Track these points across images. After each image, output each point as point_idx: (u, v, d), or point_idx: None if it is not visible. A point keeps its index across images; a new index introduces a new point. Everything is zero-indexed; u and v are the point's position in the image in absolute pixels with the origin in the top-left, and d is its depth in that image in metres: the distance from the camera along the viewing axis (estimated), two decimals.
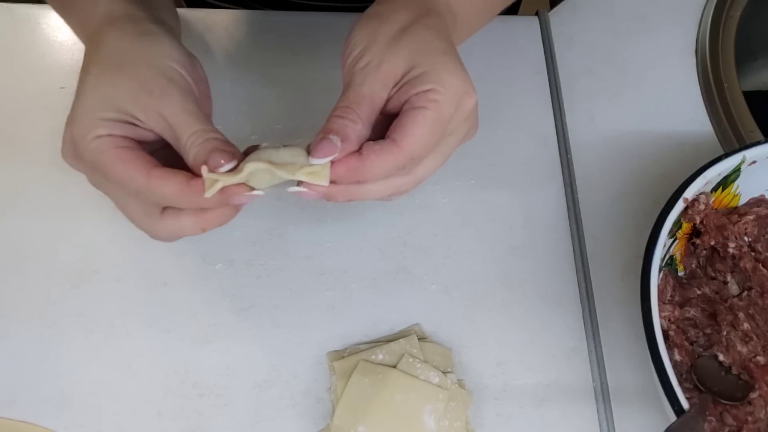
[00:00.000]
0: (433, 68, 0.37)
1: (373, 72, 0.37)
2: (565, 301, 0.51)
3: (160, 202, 0.37)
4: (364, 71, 0.37)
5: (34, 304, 0.48)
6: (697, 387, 0.45)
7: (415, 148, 0.36)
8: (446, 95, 0.36)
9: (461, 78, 0.37)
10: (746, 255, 0.50)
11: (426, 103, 0.36)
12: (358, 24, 0.40)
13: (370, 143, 0.36)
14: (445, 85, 0.36)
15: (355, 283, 0.51)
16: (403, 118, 0.36)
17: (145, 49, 0.37)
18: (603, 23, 0.65)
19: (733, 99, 0.60)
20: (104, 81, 0.36)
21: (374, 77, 0.37)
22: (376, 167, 0.36)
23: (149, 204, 0.37)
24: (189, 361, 0.47)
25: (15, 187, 0.53)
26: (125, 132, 0.36)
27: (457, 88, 0.37)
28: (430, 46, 0.38)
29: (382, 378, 0.45)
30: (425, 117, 0.36)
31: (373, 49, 0.38)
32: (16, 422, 0.44)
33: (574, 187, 0.56)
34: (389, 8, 0.40)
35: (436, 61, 0.37)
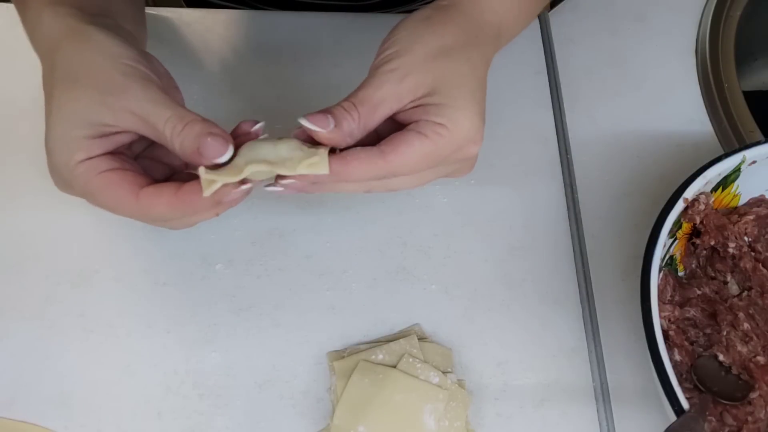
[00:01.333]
0: (453, 104, 0.36)
1: (394, 82, 0.36)
2: (565, 301, 0.51)
3: (157, 221, 0.37)
4: (385, 77, 0.37)
5: (34, 304, 0.48)
6: (697, 387, 0.45)
7: (399, 167, 0.36)
8: (452, 136, 0.36)
9: (474, 124, 0.37)
10: (746, 255, 0.50)
11: (430, 134, 0.36)
12: (406, 21, 0.39)
13: (358, 149, 0.36)
14: (456, 126, 0.36)
15: (355, 283, 0.51)
16: (401, 135, 0.36)
17: (94, 55, 0.36)
18: (603, 23, 0.65)
19: (733, 99, 0.60)
20: (66, 99, 0.36)
21: (392, 87, 0.36)
22: (357, 172, 0.36)
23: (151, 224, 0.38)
24: (189, 361, 0.47)
25: (15, 186, 0.53)
26: (103, 147, 0.36)
27: (466, 133, 0.37)
28: (461, 80, 0.37)
29: (382, 378, 0.45)
30: (422, 144, 0.36)
31: (406, 58, 0.37)
32: (16, 422, 0.44)
33: (574, 187, 0.56)
34: (442, 19, 0.39)
35: (459, 97, 0.37)
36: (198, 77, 0.59)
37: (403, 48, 0.37)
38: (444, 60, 0.37)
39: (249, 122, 0.37)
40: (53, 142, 0.36)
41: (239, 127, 0.37)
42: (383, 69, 0.37)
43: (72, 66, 0.36)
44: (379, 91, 0.36)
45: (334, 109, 0.36)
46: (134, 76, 0.36)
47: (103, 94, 0.35)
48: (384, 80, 0.37)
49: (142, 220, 0.37)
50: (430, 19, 0.39)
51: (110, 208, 0.36)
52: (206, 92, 0.58)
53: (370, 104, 0.36)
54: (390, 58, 0.37)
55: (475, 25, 0.40)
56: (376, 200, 0.54)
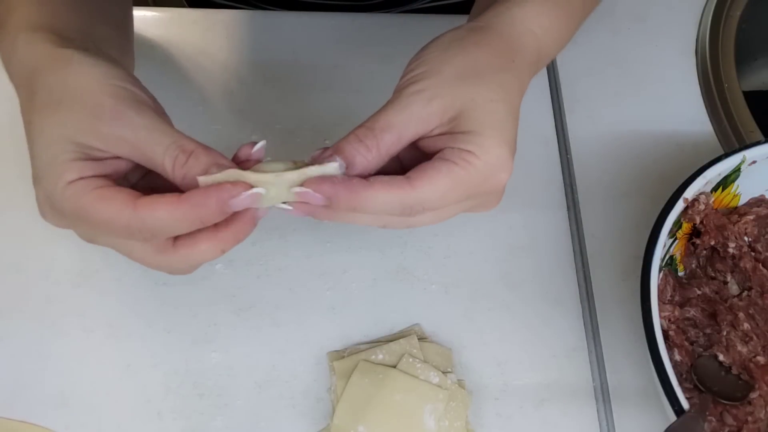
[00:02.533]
0: (482, 131, 0.33)
1: (420, 103, 0.34)
2: (565, 301, 0.51)
3: (157, 234, 0.32)
4: (411, 98, 0.34)
5: (34, 304, 0.48)
6: (697, 387, 0.45)
7: (428, 196, 0.33)
8: (482, 163, 0.33)
9: (505, 151, 0.34)
10: (746, 255, 0.50)
11: (458, 161, 0.33)
12: (436, 40, 0.36)
13: (381, 176, 0.33)
14: (486, 153, 0.33)
15: (355, 283, 0.51)
16: (429, 164, 0.33)
17: (78, 77, 0.33)
18: (603, 23, 0.65)
19: (733, 99, 0.60)
20: (49, 124, 0.32)
21: (418, 109, 0.34)
22: (379, 199, 0.32)
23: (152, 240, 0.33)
24: (189, 361, 0.47)
25: (15, 186, 0.53)
26: (96, 170, 0.32)
27: (496, 160, 0.34)
28: (491, 106, 0.34)
29: (382, 378, 0.45)
30: (451, 171, 0.33)
31: (434, 79, 0.34)
32: (16, 422, 0.44)
33: (574, 187, 0.56)
34: (475, 40, 0.36)
35: (488, 125, 0.34)
36: (198, 77, 0.59)
37: (431, 69, 0.35)
38: (474, 83, 0.34)
39: (248, 145, 0.34)
40: (42, 171, 0.32)
41: (240, 152, 0.34)
42: (408, 90, 0.34)
43: (54, 90, 0.33)
44: (403, 114, 0.34)
45: (344, 145, 0.33)
46: (125, 99, 0.33)
47: (92, 119, 0.32)
48: (409, 102, 0.34)
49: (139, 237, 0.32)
50: (463, 40, 0.36)
51: (105, 225, 0.31)
52: (206, 93, 0.58)
53: (390, 128, 0.33)
54: (416, 79, 0.34)
55: (512, 49, 0.37)
56: None
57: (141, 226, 0.31)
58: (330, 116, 0.57)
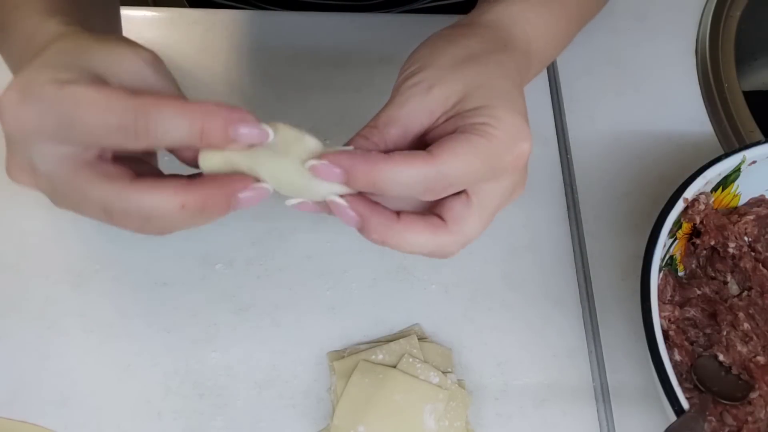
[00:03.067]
0: (490, 103, 0.32)
1: (420, 94, 0.33)
2: (565, 301, 0.51)
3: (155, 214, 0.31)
4: (410, 91, 0.33)
5: (34, 304, 0.48)
6: (697, 387, 0.45)
7: (451, 167, 0.30)
8: (501, 132, 0.31)
9: (520, 119, 0.33)
10: (746, 255, 0.50)
11: (477, 132, 0.31)
12: (425, 41, 0.36)
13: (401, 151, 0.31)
14: (501, 122, 0.32)
15: (355, 283, 0.51)
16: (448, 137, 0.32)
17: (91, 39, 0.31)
18: (603, 23, 0.65)
19: (733, 99, 0.60)
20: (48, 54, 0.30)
21: (419, 100, 0.33)
22: (400, 173, 0.30)
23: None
24: (189, 361, 0.47)
25: (15, 186, 0.53)
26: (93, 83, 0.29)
27: (513, 128, 0.32)
28: (493, 82, 0.34)
29: (382, 378, 0.45)
30: (471, 141, 0.31)
31: (430, 71, 0.34)
32: (16, 422, 0.44)
33: (574, 187, 0.56)
34: (463, 32, 0.37)
35: (494, 96, 0.33)
36: (198, 77, 0.59)
37: (425, 62, 0.34)
38: (472, 65, 0.34)
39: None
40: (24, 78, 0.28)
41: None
42: (406, 85, 0.34)
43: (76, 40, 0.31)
44: (405, 107, 0.33)
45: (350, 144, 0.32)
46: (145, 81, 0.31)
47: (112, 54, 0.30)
48: (409, 95, 0.33)
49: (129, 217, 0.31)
50: (451, 35, 0.36)
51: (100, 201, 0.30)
52: (206, 92, 0.58)
53: (394, 122, 0.33)
54: (412, 74, 0.34)
55: (501, 37, 0.37)
56: None
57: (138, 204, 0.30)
58: (330, 116, 0.57)
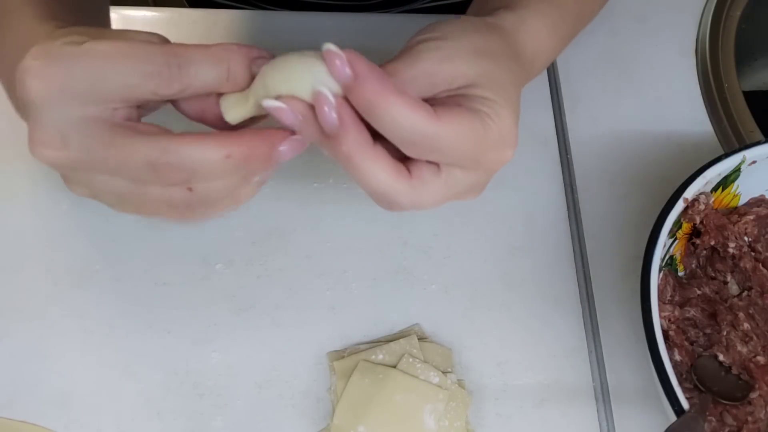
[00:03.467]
0: (497, 100, 0.33)
1: (432, 61, 0.32)
2: (565, 301, 0.51)
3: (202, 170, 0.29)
4: (424, 54, 0.32)
5: (34, 304, 0.48)
6: (697, 387, 0.45)
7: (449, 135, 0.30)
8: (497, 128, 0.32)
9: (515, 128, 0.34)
10: (746, 255, 0.50)
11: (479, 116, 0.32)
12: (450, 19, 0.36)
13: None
14: (501, 120, 0.32)
15: (355, 283, 0.51)
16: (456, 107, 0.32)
17: None
18: (603, 23, 0.65)
19: (733, 99, 0.60)
20: None
21: (429, 67, 0.32)
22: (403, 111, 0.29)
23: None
24: (189, 361, 0.47)
25: (15, 186, 0.53)
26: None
27: (508, 131, 0.33)
28: (504, 82, 0.34)
29: (382, 378, 0.45)
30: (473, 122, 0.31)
31: (450, 44, 0.33)
32: (16, 422, 0.44)
33: (574, 187, 0.56)
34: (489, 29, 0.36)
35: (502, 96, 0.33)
36: None
37: (447, 35, 0.33)
38: (489, 60, 0.34)
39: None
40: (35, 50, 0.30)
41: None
42: (422, 47, 0.32)
43: None
44: (414, 68, 0.32)
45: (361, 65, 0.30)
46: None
47: None
48: (421, 58, 0.32)
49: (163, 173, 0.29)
50: (478, 25, 0.36)
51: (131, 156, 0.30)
52: None
53: (399, 79, 0.31)
54: (431, 39, 0.33)
55: (517, 47, 0.38)
56: None
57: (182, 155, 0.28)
58: None
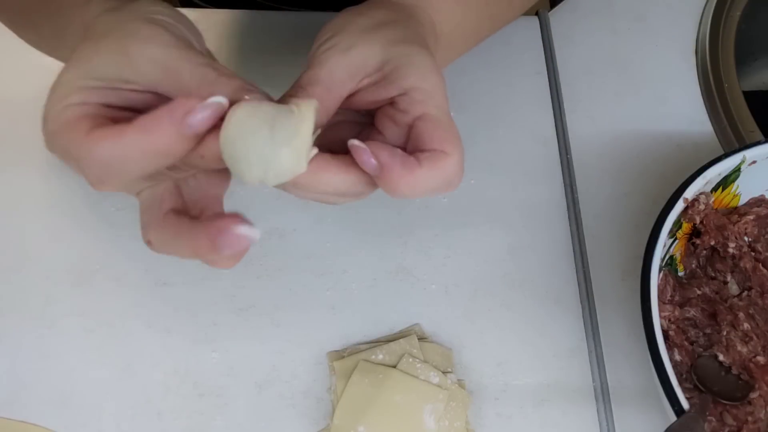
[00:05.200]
0: (407, 63, 0.33)
1: (338, 55, 0.33)
2: (565, 301, 0.51)
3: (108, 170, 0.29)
4: (326, 54, 0.33)
5: (34, 304, 0.48)
6: (697, 387, 0.45)
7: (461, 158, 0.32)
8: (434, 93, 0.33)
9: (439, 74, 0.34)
10: (746, 255, 0.50)
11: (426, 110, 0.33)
12: (333, 18, 0.37)
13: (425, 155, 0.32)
14: (427, 82, 0.33)
15: (355, 283, 0.51)
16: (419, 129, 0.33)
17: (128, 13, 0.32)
18: (603, 23, 0.65)
19: (733, 99, 0.60)
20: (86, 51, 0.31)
21: (337, 60, 0.33)
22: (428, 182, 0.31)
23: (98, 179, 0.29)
24: (189, 361, 0.47)
25: (15, 187, 0.53)
26: (104, 98, 0.30)
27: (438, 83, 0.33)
28: (406, 40, 0.35)
29: (382, 378, 0.45)
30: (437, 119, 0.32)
31: (343, 35, 0.34)
32: (16, 422, 0.44)
33: (574, 187, 0.56)
34: (368, 5, 0.37)
35: (409, 53, 0.34)
36: None
37: (337, 30, 0.35)
38: (383, 29, 0.35)
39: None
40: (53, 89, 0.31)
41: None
42: (322, 48, 0.34)
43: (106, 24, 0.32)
44: (324, 67, 0.33)
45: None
46: (164, 25, 0.32)
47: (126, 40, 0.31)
48: (326, 57, 0.33)
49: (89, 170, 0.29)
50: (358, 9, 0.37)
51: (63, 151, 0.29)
52: None
53: (319, 83, 0.32)
54: (326, 40, 0.34)
55: (408, 12, 0.38)
56: (376, 200, 0.54)
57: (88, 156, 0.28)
58: None
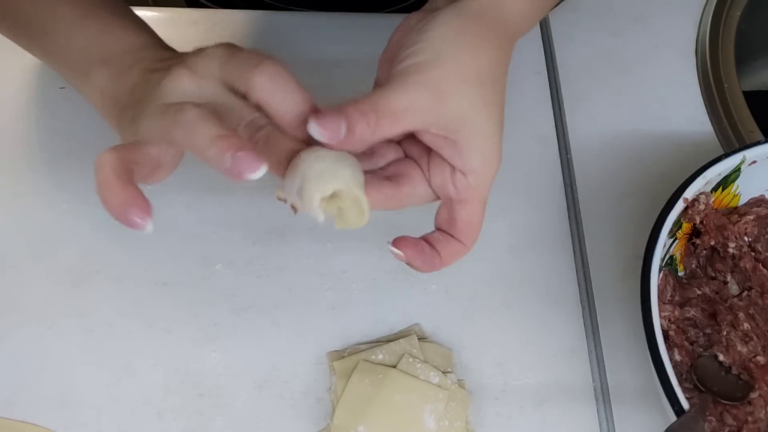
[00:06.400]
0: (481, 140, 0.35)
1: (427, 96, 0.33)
2: (565, 301, 0.51)
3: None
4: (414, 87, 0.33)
5: (34, 304, 0.48)
6: (697, 387, 0.45)
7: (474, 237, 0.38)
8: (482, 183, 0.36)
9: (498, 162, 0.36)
10: (746, 255, 0.50)
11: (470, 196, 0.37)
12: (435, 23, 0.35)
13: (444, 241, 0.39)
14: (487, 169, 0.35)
15: (355, 283, 0.51)
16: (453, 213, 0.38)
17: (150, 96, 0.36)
18: (603, 23, 0.65)
19: (733, 99, 0.60)
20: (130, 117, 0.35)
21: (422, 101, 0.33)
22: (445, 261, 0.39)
23: None
24: (189, 361, 0.47)
25: (15, 186, 0.53)
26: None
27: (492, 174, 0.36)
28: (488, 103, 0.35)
29: (382, 378, 0.45)
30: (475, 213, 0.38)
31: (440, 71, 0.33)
32: (16, 422, 0.44)
33: (574, 187, 0.56)
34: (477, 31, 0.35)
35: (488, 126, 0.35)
36: None
37: (435, 58, 0.33)
38: (477, 87, 0.34)
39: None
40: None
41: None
42: (413, 79, 0.33)
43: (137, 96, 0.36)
44: (404, 100, 0.32)
45: (350, 108, 0.32)
46: None
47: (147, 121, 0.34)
48: (412, 90, 0.33)
49: None
50: (465, 31, 0.35)
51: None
52: None
53: (390, 112, 0.32)
54: (421, 65, 0.33)
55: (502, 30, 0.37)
56: None
57: None
58: None
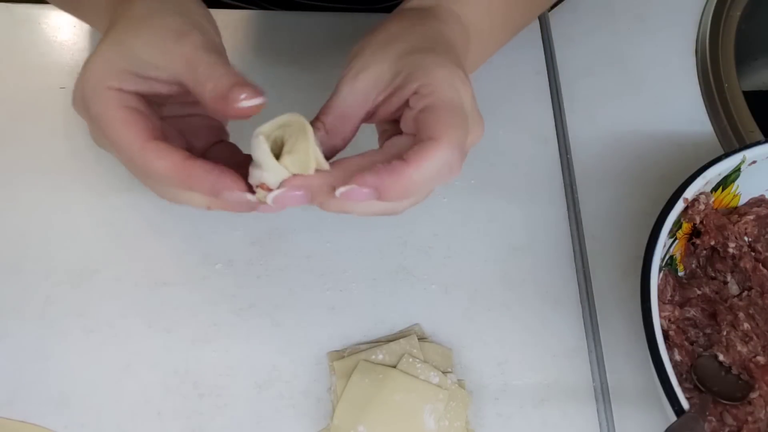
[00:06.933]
0: (416, 67, 0.36)
1: (349, 82, 0.37)
2: (565, 301, 0.51)
3: (148, 178, 0.35)
4: (341, 82, 0.37)
5: (34, 304, 0.48)
6: (697, 387, 0.45)
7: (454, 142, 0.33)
8: (438, 85, 0.35)
9: (448, 68, 0.35)
10: (746, 255, 0.50)
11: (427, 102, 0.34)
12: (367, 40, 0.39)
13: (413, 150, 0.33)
14: (431, 77, 0.35)
15: (355, 283, 0.51)
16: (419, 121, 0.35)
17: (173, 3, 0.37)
18: (603, 23, 0.65)
19: (733, 99, 0.60)
20: (126, 31, 0.36)
21: (348, 87, 0.37)
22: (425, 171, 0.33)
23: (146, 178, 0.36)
24: (189, 361, 0.47)
25: (15, 186, 0.53)
26: (137, 86, 0.35)
27: (445, 76, 0.35)
28: (415, 50, 0.37)
29: (382, 378, 0.45)
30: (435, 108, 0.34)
31: (358, 59, 0.38)
32: (16, 422, 0.44)
33: (574, 187, 0.56)
34: (388, 18, 0.40)
35: (418, 58, 0.36)
36: None
37: (355, 53, 0.38)
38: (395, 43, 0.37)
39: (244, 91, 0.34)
40: (93, 64, 0.35)
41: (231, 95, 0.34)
42: (341, 76, 0.38)
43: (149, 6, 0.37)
44: (338, 97, 0.37)
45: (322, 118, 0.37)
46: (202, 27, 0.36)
47: (164, 33, 0.35)
48: (341, 85, 0.37)
49: (135, 170, 0.35)
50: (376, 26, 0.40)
51: (112, 145, 0.35)
52: None
53: (332, 112, 0.37)
54: (347, 65, 0.38)
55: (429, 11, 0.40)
56: None
57: (139, 162, 0.34)
58: None
